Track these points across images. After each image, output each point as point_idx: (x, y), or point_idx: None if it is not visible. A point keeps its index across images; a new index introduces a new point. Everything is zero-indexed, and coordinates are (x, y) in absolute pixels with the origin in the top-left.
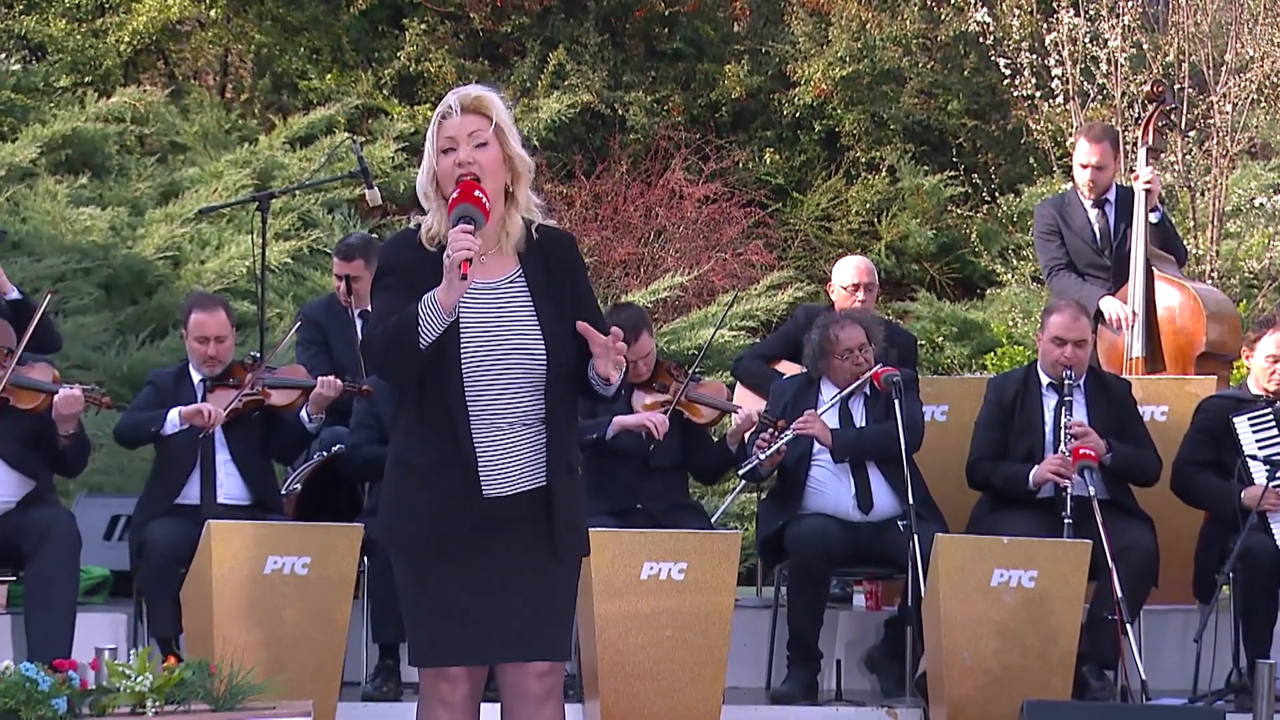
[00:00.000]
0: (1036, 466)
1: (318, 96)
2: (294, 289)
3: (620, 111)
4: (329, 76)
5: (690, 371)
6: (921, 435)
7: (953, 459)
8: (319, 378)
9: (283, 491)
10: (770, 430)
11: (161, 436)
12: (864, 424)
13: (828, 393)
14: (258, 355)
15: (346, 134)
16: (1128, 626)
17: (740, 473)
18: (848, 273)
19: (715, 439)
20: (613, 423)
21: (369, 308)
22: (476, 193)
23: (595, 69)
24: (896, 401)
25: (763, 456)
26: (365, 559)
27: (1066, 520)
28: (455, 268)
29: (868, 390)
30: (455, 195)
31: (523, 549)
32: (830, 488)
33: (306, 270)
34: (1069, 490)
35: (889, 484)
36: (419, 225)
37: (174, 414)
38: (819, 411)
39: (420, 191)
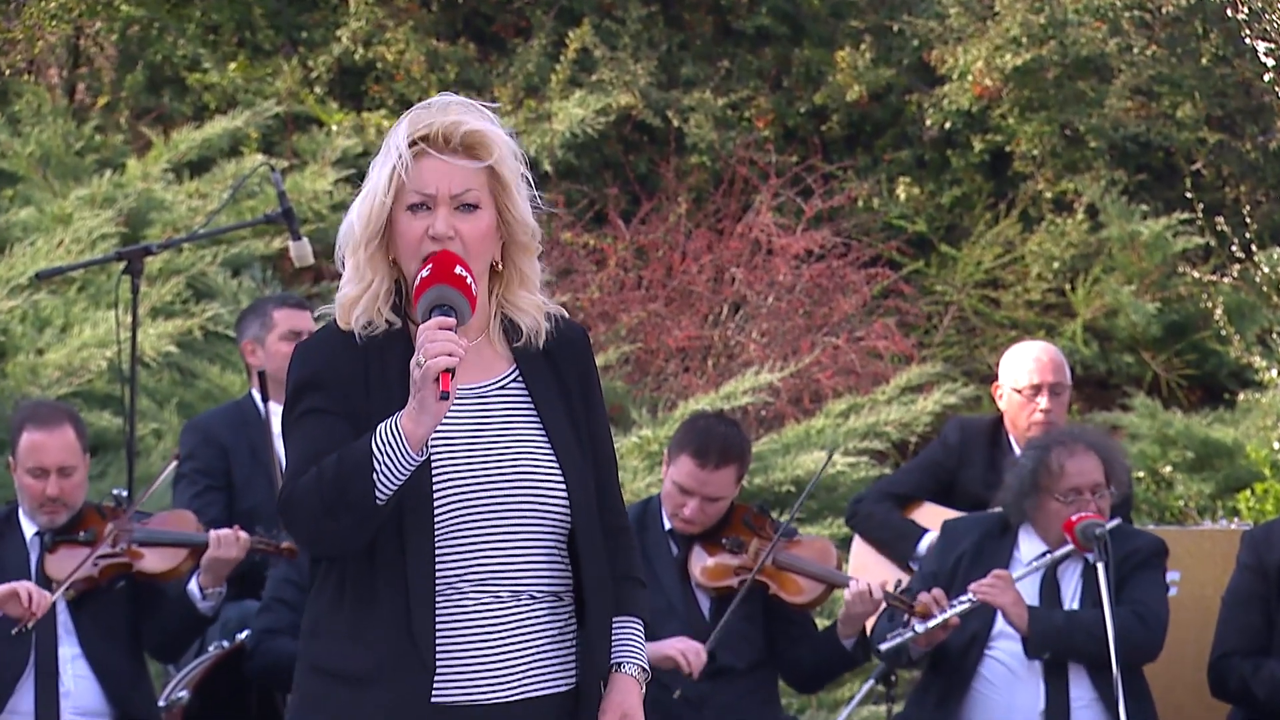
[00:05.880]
0: None
1: (217, 98)
2: (179, 393)
3: (677, 122)
4: (233, 67)
5: (782, 523)
6: (1161, 633)
7: (1188, 651)
8: (213, 531)
9: (161, 703)
10: (906, 615)
11: None
12: (1077, 604)
13: (1029, 549)
14: (124, 495)
15: (261, 156)
16: None
17: (881, 648)
18: (1025, 367)
19: (820, 627)
20: None
21: None
22: (458, 269)
23: (638, 57)
24: (1101, 566)
25: (920, 629)
26: None
27: None
28: (431, 381)
29: (1091, 556)
30: (426, 274)
31: None
32: (1009, 694)
33: (198, 363)
34: None
35: (1098, 693)
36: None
37: None
38: (1016, 575)
39: (347, 244)
